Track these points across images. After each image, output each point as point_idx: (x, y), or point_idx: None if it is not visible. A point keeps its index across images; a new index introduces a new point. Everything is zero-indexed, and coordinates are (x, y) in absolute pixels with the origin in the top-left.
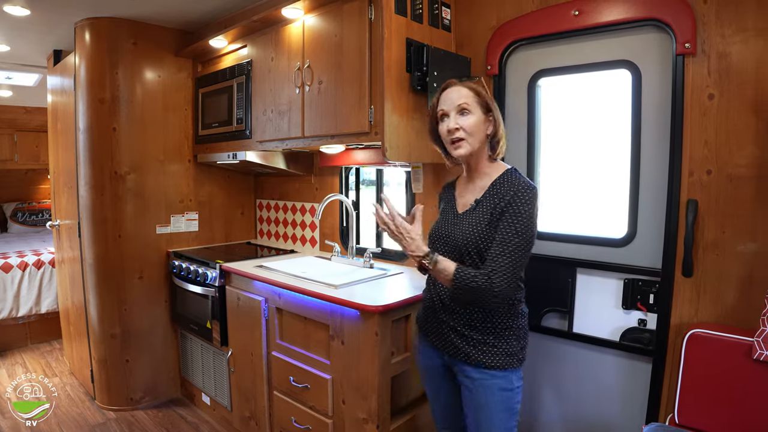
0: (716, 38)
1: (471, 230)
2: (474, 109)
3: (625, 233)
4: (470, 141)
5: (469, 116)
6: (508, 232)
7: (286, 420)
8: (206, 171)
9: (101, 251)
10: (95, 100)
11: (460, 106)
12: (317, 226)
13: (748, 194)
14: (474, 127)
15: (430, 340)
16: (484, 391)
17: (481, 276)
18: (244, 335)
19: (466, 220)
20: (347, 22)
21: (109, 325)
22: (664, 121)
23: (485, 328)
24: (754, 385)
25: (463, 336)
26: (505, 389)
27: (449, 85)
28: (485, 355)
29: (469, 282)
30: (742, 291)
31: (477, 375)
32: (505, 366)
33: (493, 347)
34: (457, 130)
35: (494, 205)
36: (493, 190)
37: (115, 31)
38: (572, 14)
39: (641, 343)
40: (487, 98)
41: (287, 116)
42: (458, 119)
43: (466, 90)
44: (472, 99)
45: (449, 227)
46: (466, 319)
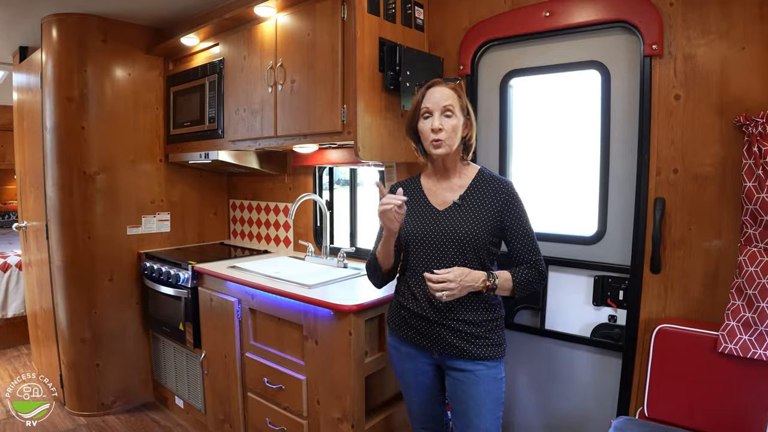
0: (682, 40)
1: (470, 225)
2: (457, 111)
3: (595, 231)
4: (449, 142)
5: (452, 118)
6: (523, 225)
7: (260, 421)
8: (178, 171)
9: (70, 253)
10: (63, 98)
11: (445, 108)
12: (291, 226)
13: (713, 192)
14: (454, 130)
15: (415, 342)
16: (477, 382)
17: (531, 270)
18: (217, 337)
19: (455, 216)
20: (320, 21)
21: (79, 329)
22: (632, 121)
23: (476, 322)
24: (719, 378)
25: (456, 331)
26: (496, 379)
27: (435, 84)
28: (479, 348)
29: (526, 280)
30: (707, 286)
31: (471, 367)
32: (496, 356)
33: (485, 339)
34: (440, 130)
35: (487, 204)
36: (475, 188)
37: (84, 28)
38: (543, 15)
39: (611, 338)
40: (467, 102)
41: (260, 115)
42: (442, 120)
43: (450, 92)
44: (455, 101)
45: (432, 223)
46: (456, 316)
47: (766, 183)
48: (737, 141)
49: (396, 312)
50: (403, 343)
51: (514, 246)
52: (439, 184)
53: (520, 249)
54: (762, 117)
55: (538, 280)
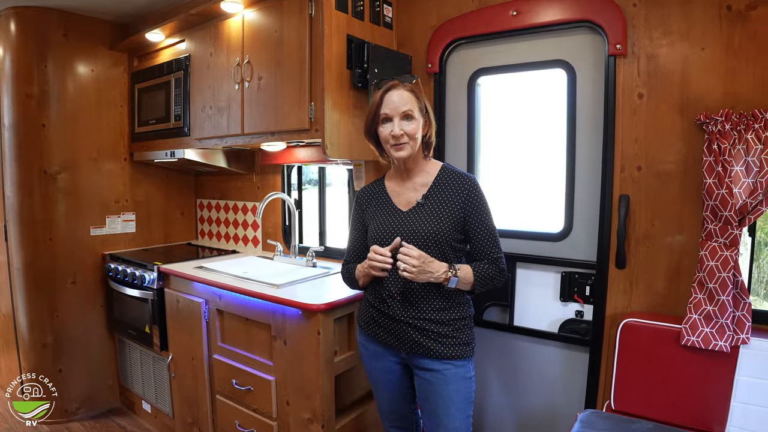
0: (645, 41)
1: (433, 223)
2: (417, 114)
3: (562, 228)
4: (411, 144)
5: (413, 122)
6: (484, 221)
7: (230, 424)
8: (143, 170)
9: (30, 255)
10: (22, 94)
11: (404, 113)
12: (259, 226)
13: (675, 189)
14: (416, 133)
15: (382, 340)
16: (445, 382)
17: (492, 266)
18: (184, 339)
19: (419, 215)
20: (287, 17)
21: (40, 334)
22: (597, 119)
23: (443, 321)
24: (683, 369)
25: (423, 330)
26: (464, 378)
27: (392, 87)
28: (445, 347)
29: (487, 275)
30: (671, 281)
31: (439, 366)
32: (463, 355)
33: (452, 338)
34: (402, 136)
35: (450, 201)
36: (438, 186)
37: (43, 22)
38: (511, 14)
39: (579, 333)
40: (426, 101)
41: (227, 113)
42: (402, 125)
43: (408, 94)
44: (415, 104)
45: (398, 224)
46: (423, 315)
47: (725, 179)
48: (698, 139)
49: (365, 310)
50: (371, 341)
51: (475, 242)
52: (402, 185)
53: (480, 245)
54: (721, 115)
55: (498, 277)
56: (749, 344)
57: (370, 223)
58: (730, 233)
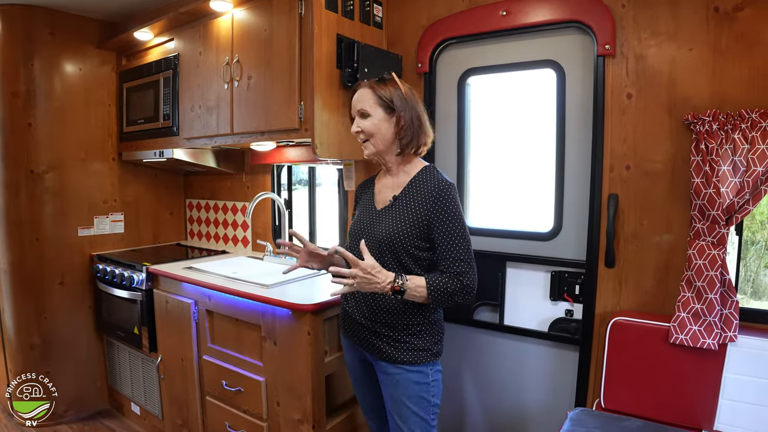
0: (633, 41)
1: (392, 227)
2: (373, 110)
3: (552, 227)
4: (372, 142)
5: (368, 119)
6: (449, 231)
7: (220, 425)
8: (132, 170)
9: (17, 256)
10: (8, 93)
11: (359, 111)
12: (249, 226)
13: (663, 188)
14: (373, 129)
15: (351, 338)
16: (398, 385)
17: (452, 280)
18: (173, 340)
19: (386, 216)
20: (277, 16)
21: (27, 336)
22: (586, 119)
23: (397, 326)
24: (671, 367)
25: (377, 334)
26: (418, 383)
27: (357, 87)
28: (398, 351)
29: (444, 290)
30: (659, 280)
31: (393, 370)
32: (417, 361)
33: (406, 343)
34: (359, 133)
35: (416, 205)
36: (411, 187)
37: (30, 20)
38: (500, 14)
39: (568, 332)
40: (393, 97)
41: (216, 112)
42: (358, 122)
43: (368, 92)
44: (371, 101)
45: (368, 224)
46: (378, 319)
47: (713, 179)
48: (686, 138)
49: (341, 307)
50: (345, 335)
51: (438, 252)
52: (385, 184)
53: (442, 256)
54: (709, 115)
55: (460, 293)
56: (737, 342)
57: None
58: (718, 232)
